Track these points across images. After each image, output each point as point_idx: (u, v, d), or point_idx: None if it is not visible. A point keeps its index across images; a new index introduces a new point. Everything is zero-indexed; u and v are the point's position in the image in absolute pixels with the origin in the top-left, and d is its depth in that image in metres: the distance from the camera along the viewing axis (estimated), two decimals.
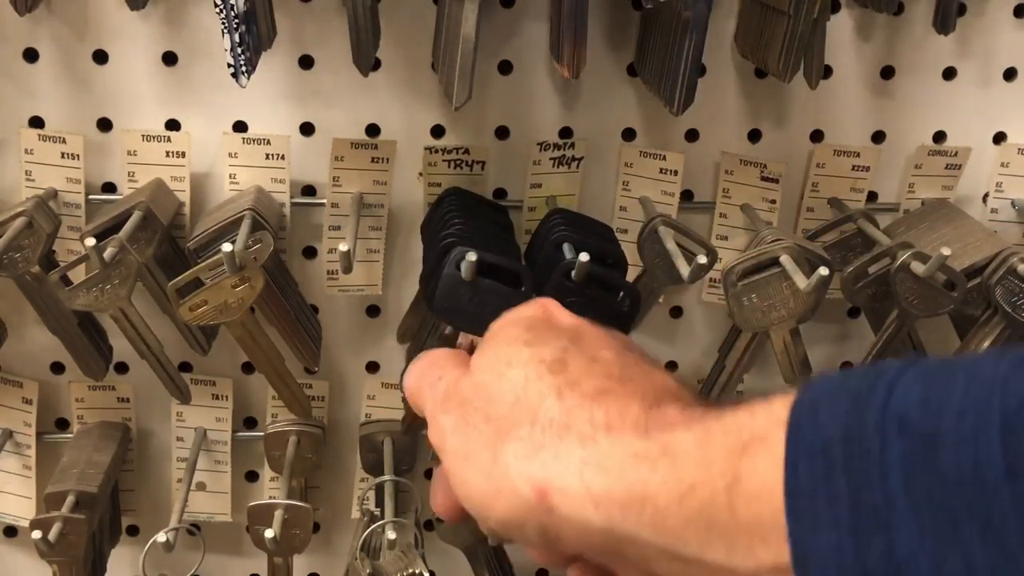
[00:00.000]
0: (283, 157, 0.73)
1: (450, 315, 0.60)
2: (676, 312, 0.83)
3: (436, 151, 0.73)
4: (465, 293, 0.58)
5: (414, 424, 0.77)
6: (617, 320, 0.60)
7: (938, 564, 0.27)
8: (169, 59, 0.71)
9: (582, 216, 0.72)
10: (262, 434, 0.81)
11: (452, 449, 0.41)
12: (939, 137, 0.79)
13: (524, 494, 0.37)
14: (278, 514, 0.72)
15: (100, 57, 0.71)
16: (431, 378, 0.44)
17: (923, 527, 0.27)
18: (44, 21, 0.70)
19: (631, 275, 0.75)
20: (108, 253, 0.65)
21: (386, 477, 0.77)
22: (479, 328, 0.60)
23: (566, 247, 0.64)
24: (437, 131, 0.75)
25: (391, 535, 0.72)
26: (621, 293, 0.61)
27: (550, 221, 0.70)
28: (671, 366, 0.84)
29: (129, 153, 0.72)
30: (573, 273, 0.60)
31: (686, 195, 0.78)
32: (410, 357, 0.79)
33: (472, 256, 0.58)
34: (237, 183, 0.73)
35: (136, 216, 0.68)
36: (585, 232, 0.68)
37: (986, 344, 0.72)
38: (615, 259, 0.67)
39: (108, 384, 0.80)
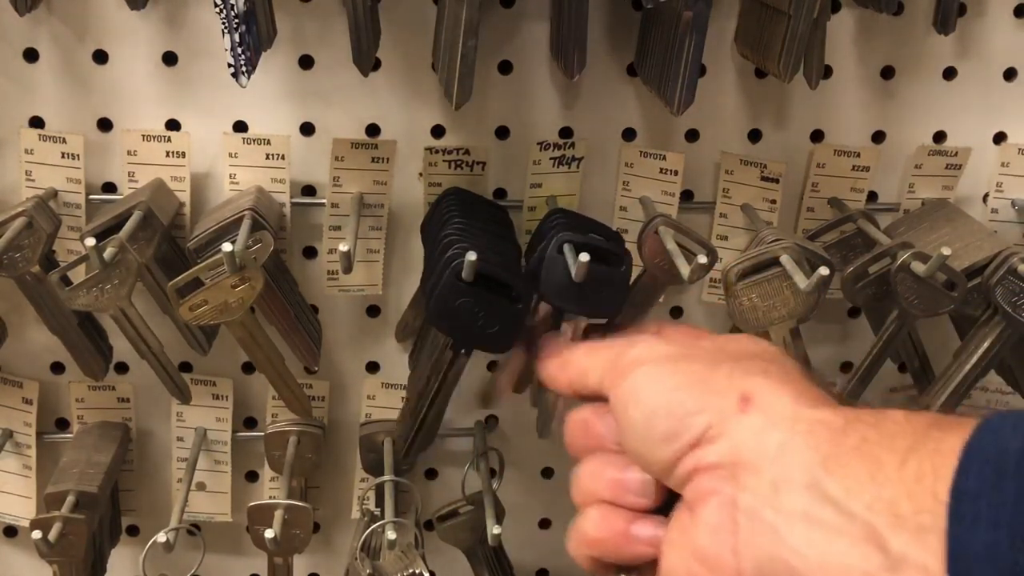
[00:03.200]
0: (283, 157, 0.73)
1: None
2: (676, 312, 0.83)
3: (436, 151, 0.73)
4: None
5: None
6: (508, 321, 0.59)
7: None
8: (169, 59, 0.71)
9: (582, 216, 0.72)
10: (262, 434, 0.81)
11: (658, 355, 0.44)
12: (939, 137, 0.79)
13: (729, 396, 0.40)
14: (278, 514, 0.72)
15: (100, 57, 0.71)
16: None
17: None
18: (44, 21, 0.70)
19: (632, 275, 0.76)
20: (108, 253, 0.65)
21: (386, 477, 0.77)
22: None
23: (566, 248, 0.64)
24: (437, 131, 0.75)
25: (391, 535, 0.72)
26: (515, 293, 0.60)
27: (550, 220, 0.70)
28: None
29: (129, 153, 0.72)
30: (463, 273, 0.59)
31: (686, 195, 0.78)
32: (412, 359, 0.79)
33: (472, 256, 0.58)
34: (237, 183, 0.73)
35: (136, 216, 0.67)
36: (585, 231, 0.68)
37: (986, 344, 0.72)
38: (615, 258, 0.67)
39: (108, 384, 0.80)
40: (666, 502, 0.43)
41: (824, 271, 0.64)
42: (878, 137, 0.79)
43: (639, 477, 0.44)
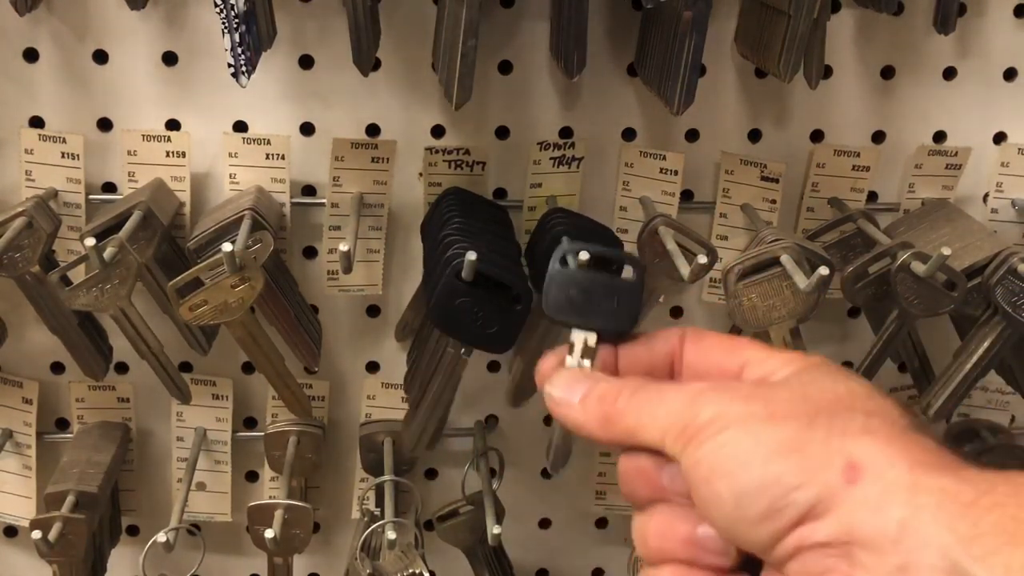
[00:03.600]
0: (283, 157, 0.73)
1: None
2: (676, 312, 0.83)
3: (436, 151, 0.73)
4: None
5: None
6: (508, 321, 0.59)
7: None
8: (169, 59, 0.71)
9: (581, 215, 0.72)
10: (262, 434, 0.81)
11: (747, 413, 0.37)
12: (939, 137, 0.79)
13: (834, 465, 0.34)
14: (278, 514, 0.72)
15: (100, 57, 0.71)
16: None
17: None
18: (44, 21, 0.70)
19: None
20: (108, 253, 0.65)
21: (386, 477, 0.77)
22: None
23: (565, 240, 0.64)
24: (437, 131, 0.75)
25: (391, 535, 0.72)
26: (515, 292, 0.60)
27: (549, 219, 0.70)
28: None
29: (129, 153, 0.72)
30: (463, 273, 0.59)
31: (686, 195, 0.78)
32: (410, 358, 0.79)
33: (472, 256, 0.58)
34: (237, 183, 0.73)
35: (136, 216, 0.68)
36: (584, 229, 0.68)
37: (986, 344, 0.72)
38: (614, 256, 0.67)
39: (108, 384, 0.80)
40: (747, 560, 0.39)
41: (824, 271, 0.64)
42: (878, 137, 0.79)
43: (715, 534, 0.39)
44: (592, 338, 0.47)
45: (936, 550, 0.31)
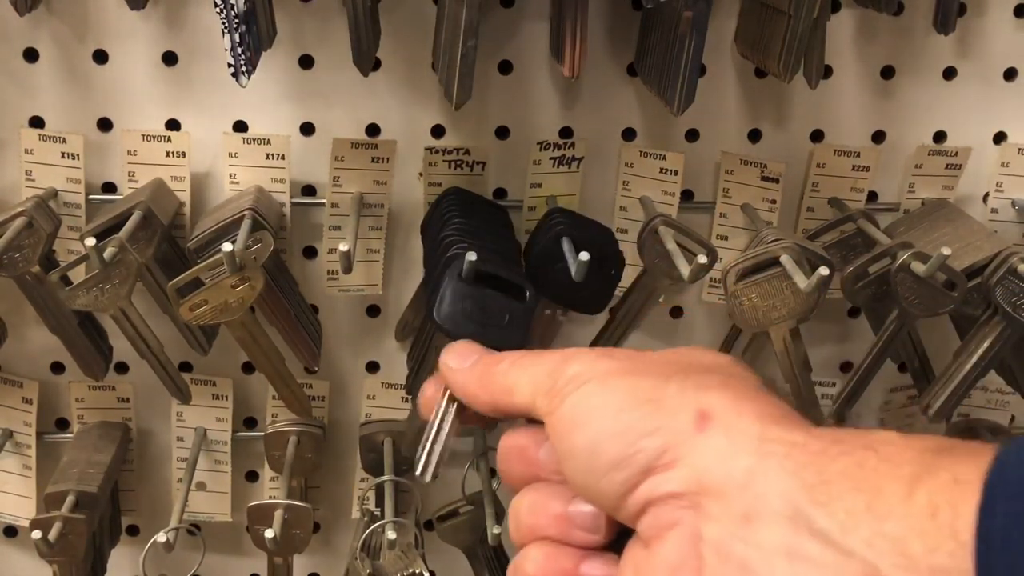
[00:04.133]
0: (283, 157, 0.73)
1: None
2: (676, 312, 0.83)
3: (436, 151, 0.73)
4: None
5: None
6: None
7: None
8: (169, 59, 0.71)
9: (581, 216, 0.72)
10: (262, 434, 0.81)
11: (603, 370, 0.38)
12: (939, 137, 0.79)
13: (684, 414, 0.35)
14: (278, 514, 0.72)
15: (100, 57, 0.71)
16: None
17: None
18: (44, 21, 0.70)
19: (631, 275, 0.76)
20: (108, 253, 0.65)
21: (386, 477, 0.77)
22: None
23: (565, 242, 0.64)
24: (437, 131, 0.75)
25: (391, 535, 0.72)
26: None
27: (549, 219, 0.70)
28: None
29: (129, 153, 0.72)
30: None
31: (686, 195, 0.78)
32: (410, 357, 0.79)
33: (472, 257, 0.57)
34: (237, 183, 0.73)
35: (136, 216, 0.67)
36: (584, 229, 0.68)
37: (986, 344, 0.72)
38: (612, 255, 0.67)
39: (108, 384, 0.80)
40: (618, 538, 0.38)
41: (824, 271, 0.64)
42: (878, 137, 0.79)
43: (587, 510, 0.38)
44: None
45: (780, 496, 0.31)
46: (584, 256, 0.62)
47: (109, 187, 0.74)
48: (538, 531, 0.40)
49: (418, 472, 0.45)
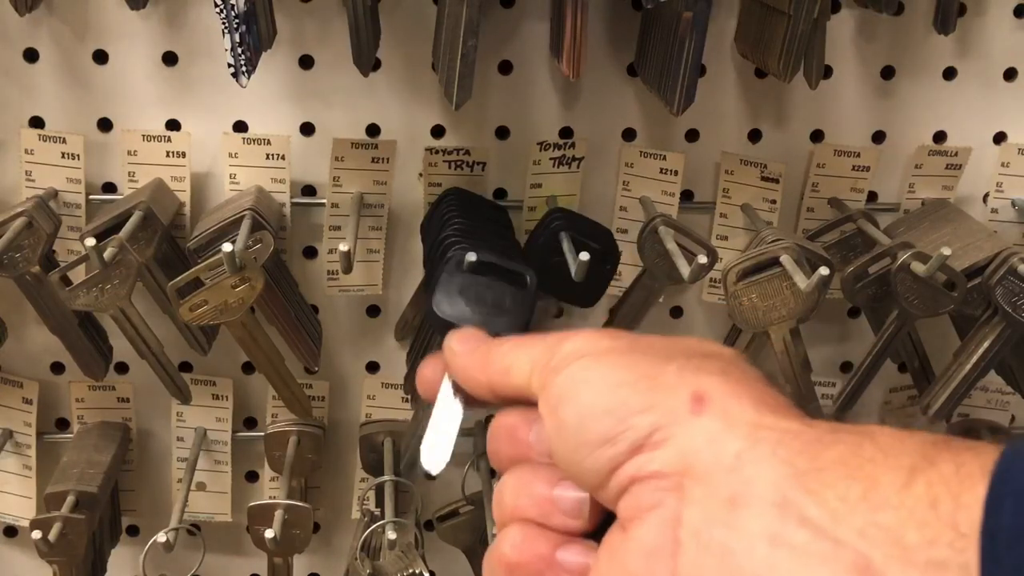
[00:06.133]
0: (283, 157, 0.73)
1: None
2: (676, 312, 0.83)
3: (436, 151, 0.73)
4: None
5: None
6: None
7: None
8: (169, 59, 0.71)
9: (580, 216, 0.72)
10: (262, 434, 0.81)
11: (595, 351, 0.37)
12: (939, 137, 0.79)
13: (680, 394, 0.33)
14: (278, 514, 0.72)
15: (100, 57, 0.71)
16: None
17: None
18: (44, 21, 0.70)
19: (632, 275, 0.76)
20: (108, 253, 0.65)
21: (386, 477, 0.77)
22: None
23: (563, 236, 0.64)
24: (437, 131, 0.75)
25: (391, 535, 0.72)
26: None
27: (549, 220, 0.70)
28: None
29: (129, 153, 0.72)
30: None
31: (686, 195, 0.78)
32: (409, 357, 0.79)
33: (472, 256, 0.57)
34: (237, 183, 0.73)
35: (136, 216, 0.68)
36: (581, 226, 0.68)
37: (986, 344, 0.72)
38: (610, 251, 0.67)
39: (108, 384, 0.80)
40: (601, 526, 0.37)
41: (824, 271, 0.64)
42: (878, 137, 0.79)
43: (572, 495, 0.37)
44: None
45: (769, 482, 0.30)
46: (584, 256, 0.62)
47: (109, 187, 0.74)
48: (520, 512, 0.39)
49: (424, 462, 0.44)
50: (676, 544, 0.32)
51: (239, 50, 0.58)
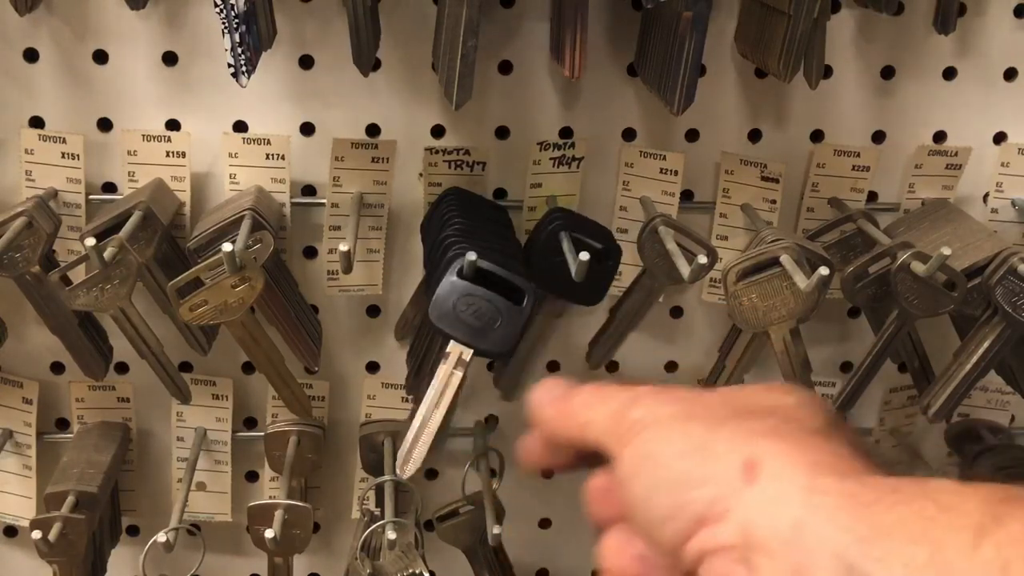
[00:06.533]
0: (283, 157, 0.73)
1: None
2: (676, 312, 0.83)
3: (436, 151, 0.73)
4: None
5: None
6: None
7: None
8: (169, 59, 0.71)
9: (580, 216, 0.72)
10: (262, 434, 0.81)
11: (658, 418, 0.37)
12: (939, 137, 0.79)
13: (731, 461, 0.34)
14: (278, 514, 0.72)
15: (100, 57, 0.71)
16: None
17: None
18: (44, 21, 0.70)
19: (632, 275, 0.76)
20: (108, 253, 0.65)
21: (386, 477, 0.77)
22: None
23: (565, 241, 0.64)
24: (437, 131, 0.75)
25: (391, 535, 0.72)
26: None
27: (548, 219, 0.70)
28: (671, 366, 0.84)
29: (129, 153, 0.72)
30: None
31: (686, 195, 0.78)
32: (411, 359, 0.79)
33: (472, 256, 0.57)
34: (237, 183, 0.73)
35: (136, 216, 0.68)
36: (581, 225, 0.68)
37: (986, 344, 0.72)
38: (611, 250, 0.67)
39: (108, 384, 0.80)
40: None
41: (824, 271, 0.64)
42: (878, 137, 0.79)
43: None
44: (467, 353, 0.49)
45: (830, 551, 0.30)
46: (584, 256, 0.62)
47: (109, 187, 0.74)
48: (623, 572, 0.40)
49: (397, 467, 0.46)
50: None
51: (239, 50, 0.58)
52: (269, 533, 0.71)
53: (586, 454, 0.42)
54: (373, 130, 0.74)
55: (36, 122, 0.72)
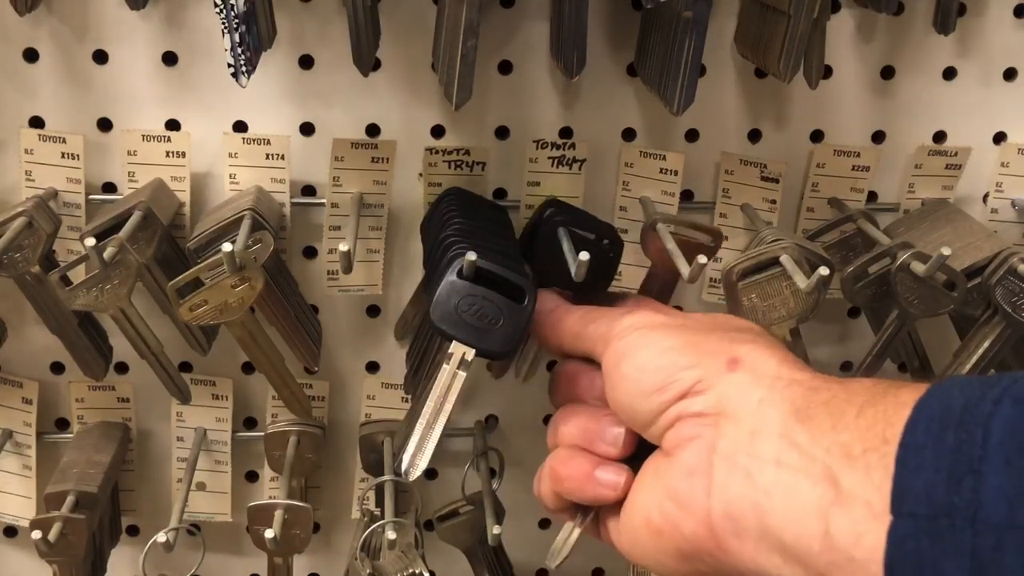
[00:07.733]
0: (283, 157, 0.73)
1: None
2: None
3: (436, 151, 0.73)
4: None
5: None
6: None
7: (1013, 505, 0.33)
8: (169, 59, 0.71)
9: (577, 208, 0.72)
10: (262, 434, 0.81)
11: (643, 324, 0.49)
12: (939, 137, 0.79)
13: (719, 357, 0.44)
14: (278, 514, 0.72)
15: (100, 57, 0.71)
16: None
17: (1009, 474, 0.33)
18: (44, 21, 0.70)
19: (634, 276, 0.76)
20: (108, 253, 0.65)
21: (386, 477, 0.77)
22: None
23: (564, 241, 0.64)
24: (437, 131, 0.75)
25: (391, 535, 0.72)
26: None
27: (544, 212, 0.69)
28: None
29: (129, 153, 0.72)
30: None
31: (686, 195, 0.78)
32: (411, 358, 0.79)
33: (472, 256, 0.57)
34: (237, 183, 0.73)
35: (136, 216, 0.68)
36: (581, 219, 0.68)
37: (986, 344, 0.72)
38: (611, 242, 0.67)
39: (108, 384, 0.80)
40: (631, 456, 0.48)
41: (824, 271, 0.64)
42: (878, 137, 0.79)
43: (612, 429, 0.49)
44: (470, 353, 0.51)
45: (777, 418, 0.41)
46: (584, 256, 0.62)
47: (109, 187, 0.74)
48: (569, 438, 0.50)
49: (403, 467, 0.53)
50: (711, 466, 0.42)
51: (239, 50, 0.58)
52: (269, 533, 0.71)
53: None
54: (373, 130, 0.74)
55: (36, 122, 0.72)
